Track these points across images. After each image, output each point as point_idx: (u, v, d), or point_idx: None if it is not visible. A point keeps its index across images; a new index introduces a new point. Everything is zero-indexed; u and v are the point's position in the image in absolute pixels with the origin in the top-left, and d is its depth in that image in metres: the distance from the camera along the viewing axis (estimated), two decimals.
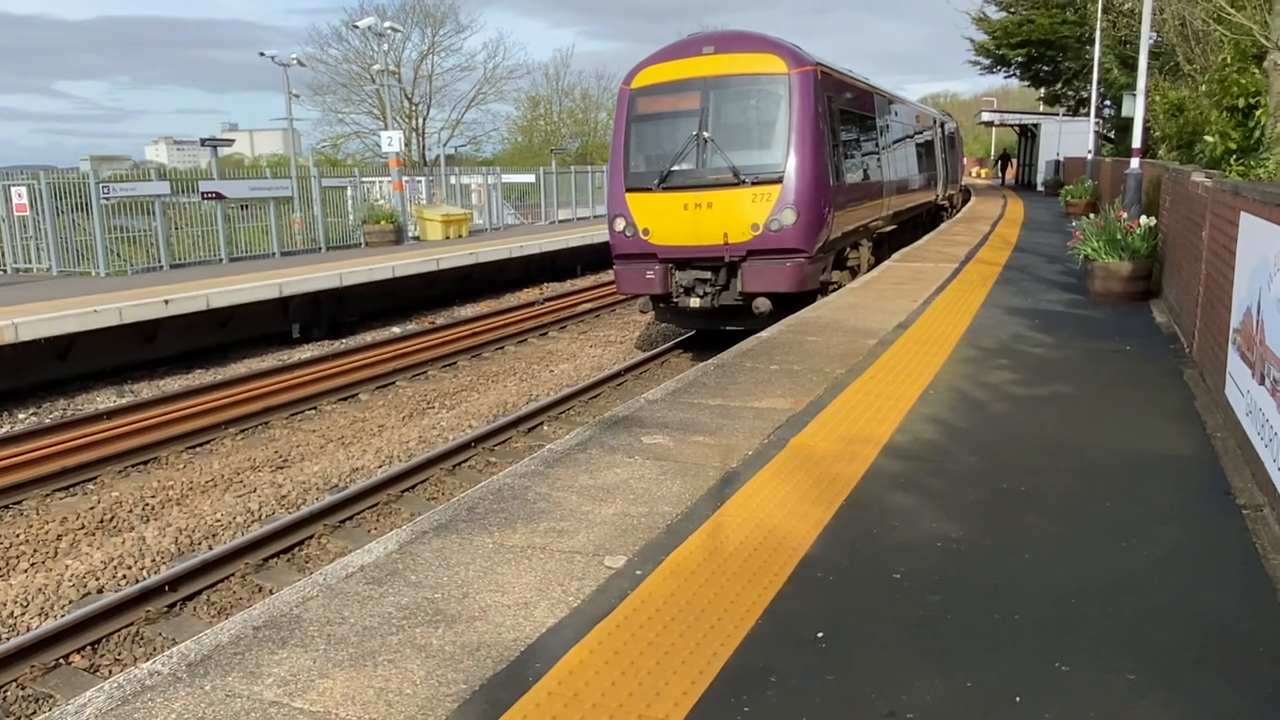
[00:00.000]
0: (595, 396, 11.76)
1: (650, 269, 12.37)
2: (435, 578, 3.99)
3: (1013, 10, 39.47)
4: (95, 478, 9.06)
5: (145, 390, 12.73)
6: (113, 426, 10.20)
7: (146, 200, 18.93)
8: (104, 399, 12.30)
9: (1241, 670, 3.17)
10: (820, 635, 3.46)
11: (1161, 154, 17.17)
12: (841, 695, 3.08)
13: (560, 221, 31.85)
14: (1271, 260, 4.75)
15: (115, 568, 7.14)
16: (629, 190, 12.43)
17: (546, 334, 16.54)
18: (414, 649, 3.41)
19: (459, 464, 9.31)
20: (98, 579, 6.97)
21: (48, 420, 11.01)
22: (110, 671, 5.86)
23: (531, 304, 19.23)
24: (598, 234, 22.46)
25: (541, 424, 10.66)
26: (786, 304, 11.80)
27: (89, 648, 6.02)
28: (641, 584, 3.88)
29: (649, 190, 12.25)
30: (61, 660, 5.85)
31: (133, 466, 9.39)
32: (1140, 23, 14.27)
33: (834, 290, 12.93)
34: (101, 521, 8.06)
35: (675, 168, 12.13)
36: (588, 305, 19.04)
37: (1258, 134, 10.30)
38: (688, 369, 9.17)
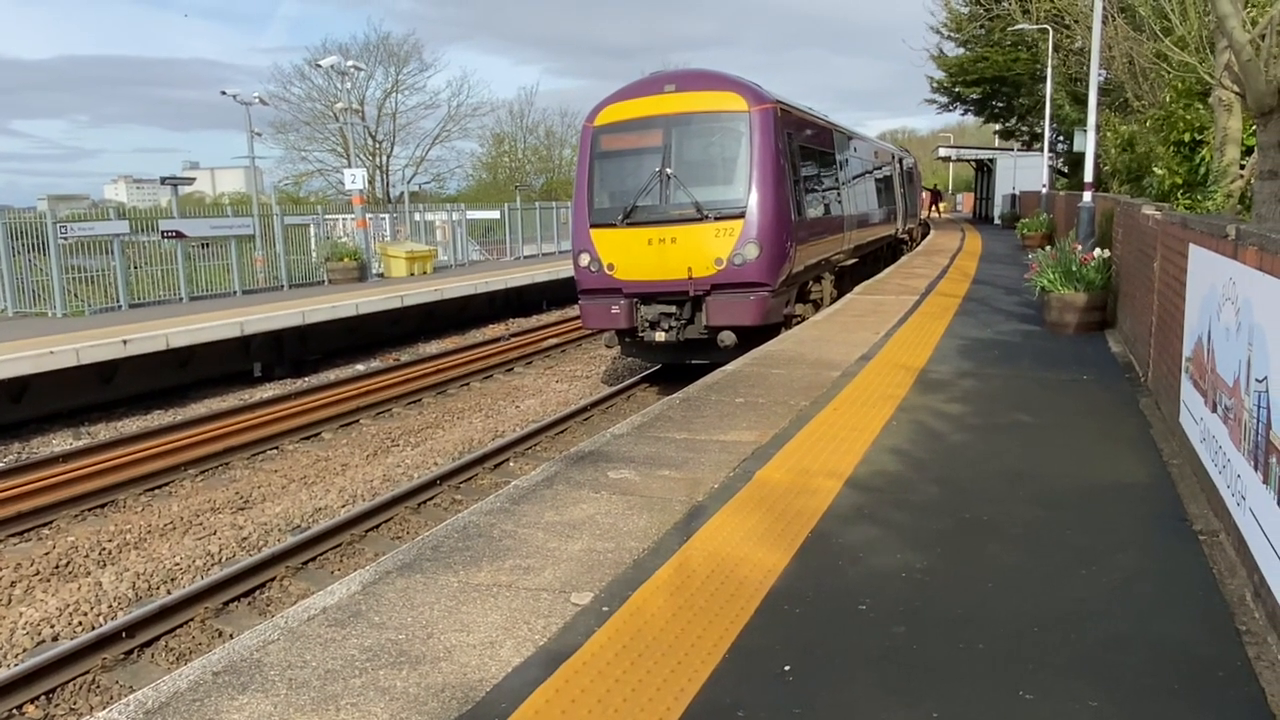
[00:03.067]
0: (562, 432, 11.73)
1: (615, 304, 12.42)
2: (399, 618, 3.95)
3: (969, 47, 40.38)
4: (50, 522, 8.86)
5: (103, 432, 12.52)
6: (68, 469, 10.00)
7: (105, 239, 18.73)
8: (60, 441, 12.07)
9: (1201, 695, 3.21)
10: (787, 669, 3.46)
11: (1114, 188, 17.58)
12: None
13: (525, 257, 31.92)
14: (1220, 290, 4.88)
15: (71, 614, 6.97)
16: (593, 226, 12.51)
17: (512, 370, 16.50)
18: (377, 691, 3.36)
19: (424, 502, 9.22)
20: (53, 626, 6.81)
21: (1, 464, 10.77)
22: None
23: (497, 340, 19.19)
24: (563, 269, 22.50)
25: (508, 460, 10.60)
26: (751, 337, 11.88)
27: (44, 697, 5.87)
28: (608, 620, 3.86)
29: (613, 226, 12.33)
30: (15, 711, 5.69)
31: (89, 510, 9.20)
32: (1090, 60, 14.68)
33: (797, 323, 13.04)
34: (57, 567, 7.88)
35: (639, 203, 12.24)
36: (553, 340, 19.04)
37: (1203, 169, 10.58)
38: (654, 403, 9.18)
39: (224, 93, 28.28)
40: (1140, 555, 4.42)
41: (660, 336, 12.37)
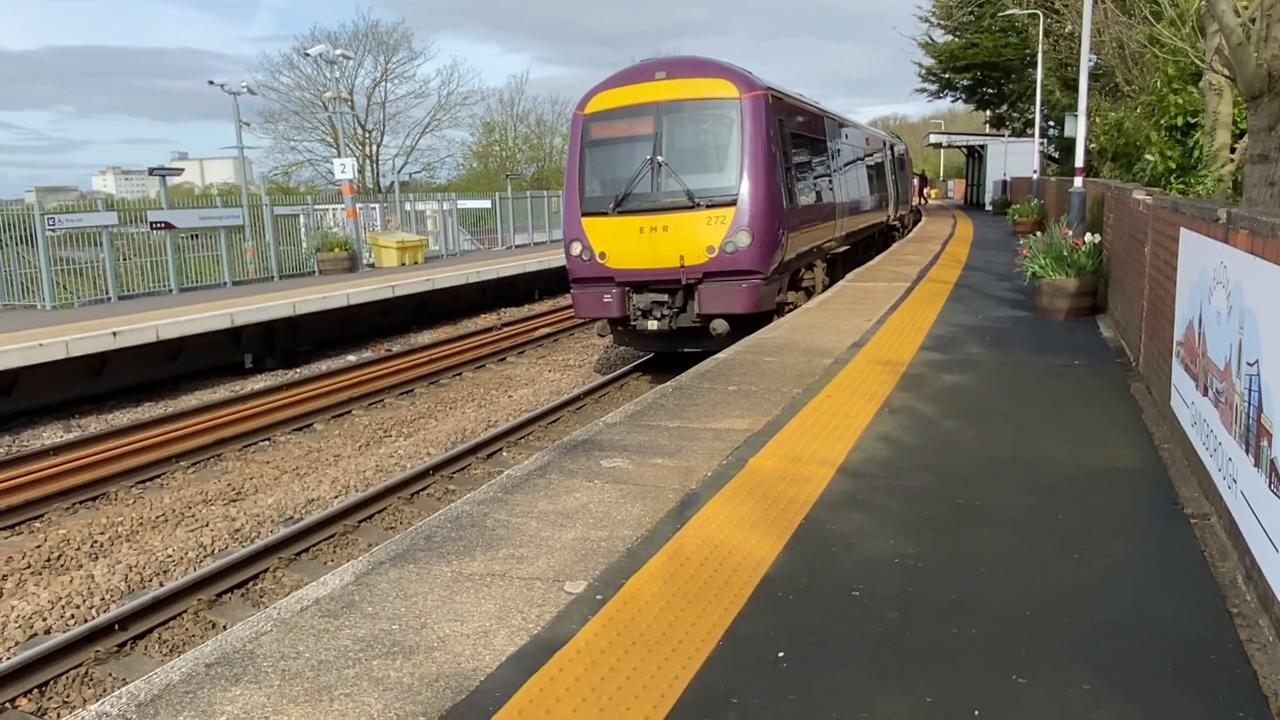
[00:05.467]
0: (554, 421, 11.72)
1: (608, 292, 12.41)
2: (393, 609, 3.94)
3: (958, 34, 40.32)
4: (41, 515, 8.83)
5: (93, 425, 12.47)
6: (59, 462, 9.96)
7: (93, 231, 18.61)
8: (50, 434, 12.01)
9: (1194, 677, 3.22)
10: (781, 655, 3.46)
11: (1104, 172, 17.59)
12: (802, 715, 3.08)
13: (517, 246, 31.82)
14: (1210, 274, 4.88)
15: (63, 607, 6.95)
16: (585, 214, 12.48)
17: (505, 359, 16.47)
18: (371, 682, 3.35)
19: (417, 493, 9.21)
20: (45, 619, 6.79)
21: None
22: (58, 715, 5.70)
23: (489, 329, 19.15)
24: (555, 258, 22.47)
25: (500, 450, 10.59)
26: (743, 325, 11.87)
27: (36, 690, 5.86)
28: (602, 609, 3.86)
29: (605, 214, 12.30)
30: (8, 704, 5.68)
31: (80, 503, 9.17)
32: (1080, 46, 14.67)
33: (790, 310, 13.03)
34: (48, 560, 7.86)
35: (630, 191, 12.20)
36: (546, 330, 19.01)
37: (1196, 153, 10.60)
38: (646, 391, 9.17)
39: (212, 83, 28.18)
40: (1132, 539, 4.43)
41: (652, 325, 12.36)
